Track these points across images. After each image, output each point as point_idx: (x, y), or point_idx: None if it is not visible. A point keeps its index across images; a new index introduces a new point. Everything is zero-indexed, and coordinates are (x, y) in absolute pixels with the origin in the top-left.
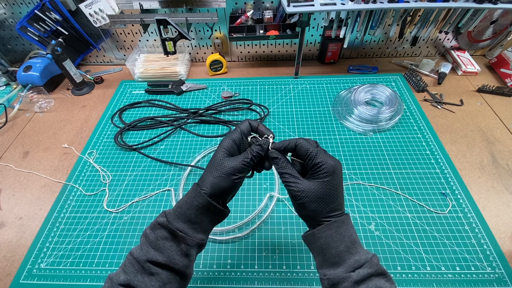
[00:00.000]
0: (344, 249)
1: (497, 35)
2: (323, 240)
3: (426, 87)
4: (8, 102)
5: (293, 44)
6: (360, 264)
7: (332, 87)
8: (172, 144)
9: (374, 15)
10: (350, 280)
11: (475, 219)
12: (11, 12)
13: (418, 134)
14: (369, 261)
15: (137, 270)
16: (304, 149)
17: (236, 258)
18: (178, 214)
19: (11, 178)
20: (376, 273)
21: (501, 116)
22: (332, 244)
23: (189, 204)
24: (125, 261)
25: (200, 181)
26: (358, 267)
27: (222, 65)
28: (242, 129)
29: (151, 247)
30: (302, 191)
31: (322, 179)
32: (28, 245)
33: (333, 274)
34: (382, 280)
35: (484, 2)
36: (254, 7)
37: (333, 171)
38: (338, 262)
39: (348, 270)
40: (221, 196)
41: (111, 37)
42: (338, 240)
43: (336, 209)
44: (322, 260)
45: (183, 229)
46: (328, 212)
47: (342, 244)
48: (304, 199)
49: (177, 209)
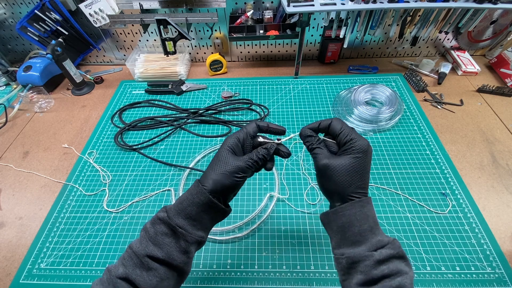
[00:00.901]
0: (367, 229)
1: (497, 35)
2: (345, 218)
3: (426, 87)
4: (8, 102)
5: (293, 44)
6: (383, 244)
7: (332, 87)
8: (172, 144)
9: (374, 15)
10: (372, 259)
11: (475, 219)
12: (11, 12)
13: (418, 134)
14: (391, 243)
15: (135, 264)
16: (338, 127)
17: (236, 258)
18: (178, 210)
19: (11, 178)
20: (397, 255)
21: (501, 116)
22: (355, 223)
23: (190, 201)
24: (124, 254)
25: (202, 178)
26: (381, 247)
27: (222, 65)
28: (248, 131)
29: (150, 242)
30: (330, 163)
31: (354, 155)
32: (28, 245)
33: (354, 253)
34: (402, 264)
35: (484, 2)
36: (254, 7)
37: (366, 150)
38: (360, 241)
39: (370, 249)
40: (223, 194)
41: (111, 37)
42: (361, 219)
43: (363, 187)
44: (341, 239)
45: (183, 226)
46: (356, 188)
47: (365, 223)
48: (333, 171)
49: (178, 205)
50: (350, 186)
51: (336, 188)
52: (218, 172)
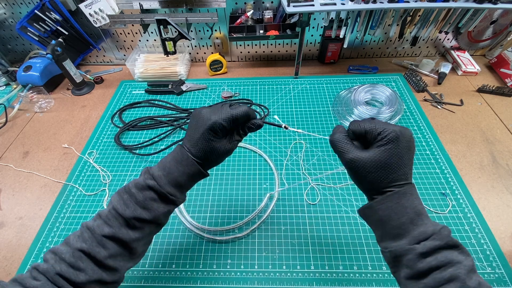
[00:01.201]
0: (407, 221)
1: (497, 35)
2: (382, 212)
3: (426, 87)
4: (8, 102)
5: (293, 44)
6: (426, 236)
7: (332, 87)
8: (172, 144)
9: (374, 15)
10: (415, 253)
11: (475, 219)
12: (11, 12)
13: (418, 134)
14: (437, 233)
15: (121, 224)
16: (367, 129)
17: (236, 258)
18: (169, 179)
19: (11, 178)
20: (446, 245)
21: (501, 116)
22: (393, 216)
23: (181, 172)
24: (107, 214)
25: (190, 146)
26: (424, 239)
27: (222, 65)
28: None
29: (138, 206)
30: (357, 160)
31: (383, 146)
32: (28, 245)
33: (396, 246)
34: (455, 253)
35: (484, 2)
36: (254, 7)
37: (395, 137)
38: (401, 234)
39: (412, 242)
40: (208, 162)
41: (111, 37)
42: (399, 212)
43: (399, 179)
44: (383, 233)
45: (174, 193)
46: (390, 182)
47: (404, 216)
48: (360, 169)
49: (168, 175)
50: (383, 181)
51: (367, 184)
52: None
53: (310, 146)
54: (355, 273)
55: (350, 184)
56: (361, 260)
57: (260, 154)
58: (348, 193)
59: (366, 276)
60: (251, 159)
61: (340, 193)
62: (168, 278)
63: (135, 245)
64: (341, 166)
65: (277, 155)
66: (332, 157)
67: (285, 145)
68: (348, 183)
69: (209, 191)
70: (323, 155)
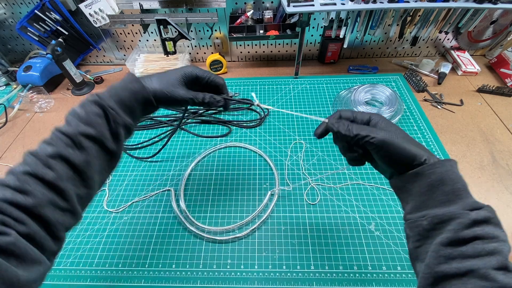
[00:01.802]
0: (462, 188)
1: (497, 35)
2: (435, 176)
3: (426, 87)
4: (8, 102)
5: (293, 44)
6: (480, 206)
7: (332, 87)
8: (172, 144)
9: (374, 15)
10: (468, 218)
11: None
12: (11, 12)
13: (418, 134)
14: (488, 207)
15: (66, 144)
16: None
17: (236, 258)
18: (111, 94)
19: None
20: (496, 221)
21: (501, 116)
22: (448, 181)
23: (123, 87)
24: (50, 136)
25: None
26: (477, 208)
27: (222, 65)
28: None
29: (81, 122)
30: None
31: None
32: None
33: (444, 211)
34: (501, 232)
35: (484, 2)
36: (254, 7)
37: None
38: (453, 200)
39: (465, 208)
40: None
41: (111, 37)
42: (454, 178)
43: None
44: (425, 201)
45: (114, 108)
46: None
47: (459, 182)
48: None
49: (110, 90)
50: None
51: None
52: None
53: (310, 146)
54: (355, 273)
55: (350, 184)
56: (361, 260)
57: (260, 154)
58: (348, 193)
59: (366, 276)
60: (251, 159)
61: (340, 193)
62: (168, 278)
63: (84, 168)
64: (341, 166)
65: (277, 155)
66: (332, 157)
67: (285, 145)
68: (348, 183)
69: (209, 191)
70: (323, 155)
